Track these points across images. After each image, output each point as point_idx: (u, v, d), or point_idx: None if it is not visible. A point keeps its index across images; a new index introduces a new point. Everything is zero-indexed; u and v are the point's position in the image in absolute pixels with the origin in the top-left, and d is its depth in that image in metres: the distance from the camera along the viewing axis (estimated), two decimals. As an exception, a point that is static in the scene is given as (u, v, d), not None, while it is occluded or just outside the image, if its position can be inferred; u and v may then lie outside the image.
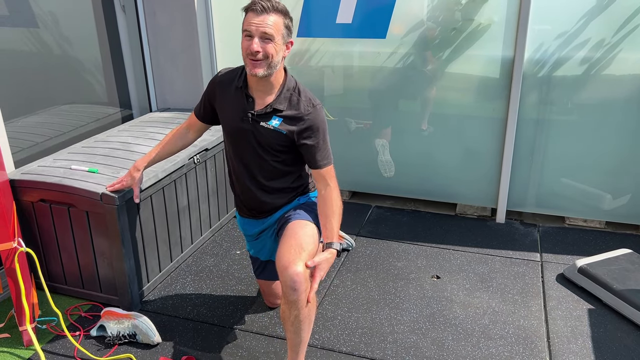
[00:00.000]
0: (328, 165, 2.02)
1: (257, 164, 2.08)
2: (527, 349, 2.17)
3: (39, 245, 2.51)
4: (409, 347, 2.20)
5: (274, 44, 1.88)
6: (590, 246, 2.95)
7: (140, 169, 2.27)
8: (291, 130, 1.99)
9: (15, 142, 2.67)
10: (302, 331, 1.87)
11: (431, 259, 2.85)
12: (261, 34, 1.86)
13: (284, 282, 1.78)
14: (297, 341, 1.89)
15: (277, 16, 1.88)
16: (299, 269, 1.76)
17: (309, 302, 1.82)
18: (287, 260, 1.80)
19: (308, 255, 1.84)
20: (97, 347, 2.23)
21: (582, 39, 2.85)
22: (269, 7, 1.85)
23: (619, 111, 2.92)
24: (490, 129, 3.16)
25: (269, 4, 1.86)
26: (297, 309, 1.80)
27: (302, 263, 1.78)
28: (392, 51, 3.20)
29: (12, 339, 2.29)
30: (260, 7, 1.85)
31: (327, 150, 2.03)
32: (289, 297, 1.78)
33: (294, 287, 1.76)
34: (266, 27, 1.85)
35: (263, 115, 2.00)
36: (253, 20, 1.86)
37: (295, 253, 1.82)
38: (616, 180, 3.05)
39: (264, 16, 1.85)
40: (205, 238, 3.04)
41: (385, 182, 3.52)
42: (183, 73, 3.48)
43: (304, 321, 1.84)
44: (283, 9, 1.90)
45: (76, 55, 3.04)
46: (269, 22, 1.86)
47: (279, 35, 1.89)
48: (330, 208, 1.97)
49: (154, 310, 2.47)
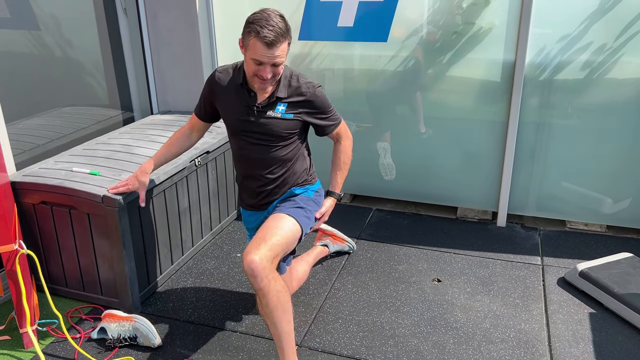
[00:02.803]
0: (337, 127, 2.22)
1: (259, 156, 2.14)
2: (528, 353, 2.17)
3: (40, 247, 2.50)
4: (410, 351, 2.19)
5: (282, 65, 1.97)
6: (591, 250, 2.94)
7: (149, 172, 2.30)
8: (298, 112, 2.10)
9: (17, 144, 2.67)
10: (278, 321, 1.91)
11: (432, 262, 2.85)
12: (272, 64, 1.92)
13: (245, 272, 1.87)
14: (278, 334, 1.93)
15: (285, 42, 1.91)
16: (253, 257, 1.85)
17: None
18: (246, 251, 1.90)
19: (272, 245, 1.92)
20: (97, 350, 2.23)
21: (584, 43, 2.86)
22: (278, 39, 1.87)
23: (620, 115, 2.92)
24: (491, 132, 3.16)
25: (278, 35, 1.86)
26: (264, 296, 1.87)
27: (259, 252, 1.87)
28: (393, 54, 3.20)
29: (12, 341, 2.29)
30: (270, 40, 1.85)
31: (333, 116, 2.21)
32: (254, 286, 1.88)
33: (252, 275, 1.85)
34: (276, 58, 1.90)
35: (267, 105, 2.07)
36: (264, 53, 1.89)
37: (256, 244, 1.91)
38: (617, 184, 3.05)
39: (273, 49, 1.88)
40: (206, 241, 3.04)
41: (386, 186, 3.52)
42: (184, 75, 3.48)
43: (275, 309, 1.89)
44: (286, 29, 1.91)
45: (78, 58, 3.04)
46: (278, 52, 1.90)
47: (285, 56, 1.95)
48: (336, 162, 2.28)
49: (154, 312, 2.47)
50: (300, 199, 2.19)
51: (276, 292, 1.88)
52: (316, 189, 2.28)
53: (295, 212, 2.10)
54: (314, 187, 2.27)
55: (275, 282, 1.89)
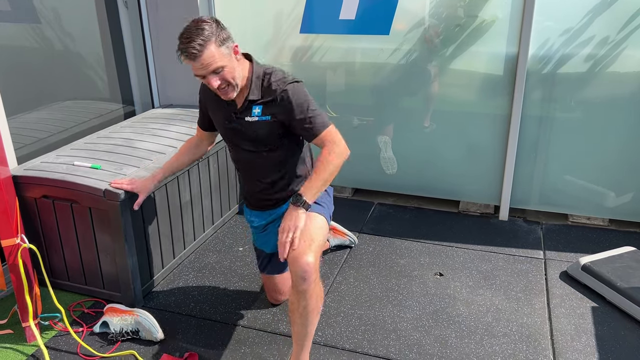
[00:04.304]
0: (322, 131, 1.98)
1: (254, 161, 2.12)
2: (530, 347, 2.17)
3: (42, 241, 2.50)
4: (412, 345, 2.19)
5: (226, 68, 1.89)
6: (593, 244, 2.94)
7: (158, 180, 2.32)
8: (274, 112, 2.00)
9: (18, 138, 2.66)
10: (310, 323, 1.90)
11: (434, 256, 2.85)
12: (210, 73, 1.87)
13: (294, 272, 1.82)
14: (304, 333, 1.92)
15: (209, 47, 1.83)
16: (309, 260, 1.81)
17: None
18: (297, 252, 1.83)
19: (318, 247, 1.88)
20: (100, 344, 2.23)
21: (587, 36, 2.84)
22: (197, 50, 1.81)
23: (623, 108, 2.91)
24: (493, 126, 3.15)
25: (196, 45, 1.80)
26: (305, 299, 1.83)
27: (312, 254, 1.82)
28: (396, 48, 3.18)
29: (15, 335, 2.29)
30: (190, 53, 1.82)
31: (316, 118, 1.97)
32: (299, 287, 1.82)
33: (304, 277, 1.80)
34: (209, 66, 1.85)
35: (244, 111, 2.03)
36: (195, 66, 1.87)
37: (306, 244, 1.85)
38: (620, 177, 3.04)
39: (199, 59, 1.84)
40: (208, 235, 3.04)
41: (387, 180, 3.51)
42: (185, 69, 3.44)
43: (312, 312, 1.87)
44: (208, 34, 1.82)
45: (78, 51, 3.03)
46: (207, 60, 1.84)
47: (224, 59, 1.87)
48: (315, 168, 1.96)
49: (156, 306, 2.47)
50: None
51: (317, 295, 1.87)
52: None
53: (319, 209, 2.07)
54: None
55: (317, 285, 1.87)
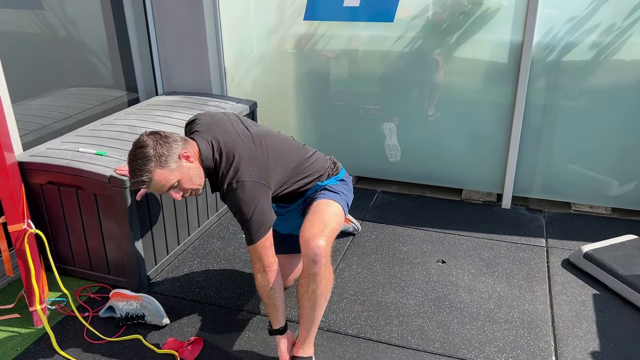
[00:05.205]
0: (248, 245, 1.90)
1: None
2: (532, 333, 2.19)
3: (48, 227, 2.52)
4: (415, 330, 2.22)
5: (180, 182, 1.87)
6: (596, 232, 2.95)
7: None
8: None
9: (23, 125, 2.68)
10: (318, 307, 1.92)
11: (437, 243, 2.86)
12: (168, 191, 1.88)
13: (305, 255, 1.85)
14: (311, 318, 1.94)
15: (155, 174, 1.81)
16: (321, 243, 1.83)
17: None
18: (310, 234, 1.86)
19: (331, 232, 1.90)
20: (106, 328, 2.26)
21: (592, 24, 2.83)
22: (146, 181, 1.83)
23: (627, 97, 2.90)
24: (497, 114, 3.15)
25: (144, 179, 1.81)
26: (315, 282, 1.86)
27: (324, 238, 1.85)
28: (400, 35, 3.18)
29: (22, 319, 2.32)
30: (142, 186, 1.84)
31: (245, 228, 1.87)
32: (310, 270, 1.84)
33: (315, 260, 1.82)
34: (163, 188, 1.86)
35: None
36: (151, 191, 1.92)
37: (319, 228, 1.88)
38: (623, 166, 3.04)
39: (152, 187, 1.86)
40: (211, 221, 3.06)
41: (391, 167, 3.52)
42: (189, 56, 3.47)
43: (321, 296, 1.89)
44: (149, 162, 1.80)
45: (82, 38, 3.03)
46: (159, 184, 1.84)
47: (174, 175, 1.84)
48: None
49: (161, 292, 2.49)
50: (332, 186, 2.14)
51: (326, 280, 1.89)
52: (341, 177, 2.22)
53: (336, 197, 2.08)
54: (338, 176, 2.21)
55: (328, 269, 1.89)
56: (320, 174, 2.14)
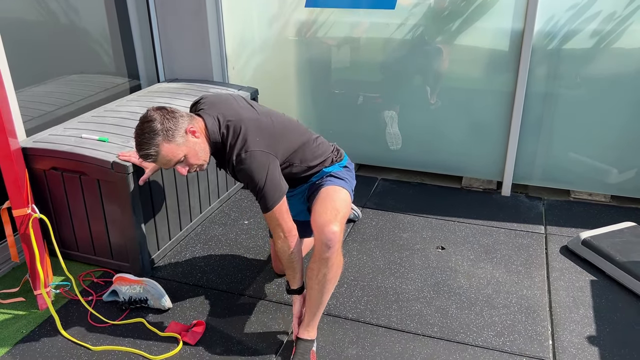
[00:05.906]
0: (264, 213, 1.94)
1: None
2: (529, 318, 2.22)
3: (51, 212, 2.55)
4: (414, 315, 2.25)
5: (186, 157, 1.89)
6: (594, 219, 2.97)
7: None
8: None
9: (26, 111, 2.69)
10: (326, 291, 1.95)
11: (436, 230, 2.89)
12: (174, 165, 1.90)
13: (319, 239, 1.87)
14: (319, 302, 1.97)
15: (162, 148, 1.84)
16: (335, 229, 1.86)
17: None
18: (324, 220, 1.89)
19: (342, 217, 1.94)
20: (109, 312, 2.29)
21: (593, 12, 2.83)
22: (154, 155, 1.85)
23: (627, 85, 2.91)
24: (497, 102, 3.16)
25: (151, 152, 1.84)
26: (327, 267, 1.89)
27: (338, 223, 1.88)
28: (401, 22, 3.18)
29: (27, 303, 2.35)
30: (149, 159, 1.87)
31: (259, 197, 1.91)
32: (322, 254, 1.87)
33: (329, 245, 1.85)
34: (170, 162, 1.89)
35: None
36: (158, 165, 1.95)
37: (332, 214, 1.91)
38: (623, 154, 3.06)
39: (159, 161, 1.88)
40: (213, 208, 3.08)
41: (391, 155, 3.54)
42: (191, 43, 3.47)
43: (330, 281, 1.93)
44: (157, 136, 1.83)
45: (84, 25, 3.04)
46: (166, 158, 1.87)
47: (181, 149, 1.87)
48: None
49: (164, 276, 2.52)
50: (337, 173, 2.16)
51: (337, 265, 1.92)
52: (344, 164, 2.24)
53: (343, 184, 2.11)
54: (341, 162, 2.23)
55: (339, 255, 1.92)
56: (325, 158, 2.16)
